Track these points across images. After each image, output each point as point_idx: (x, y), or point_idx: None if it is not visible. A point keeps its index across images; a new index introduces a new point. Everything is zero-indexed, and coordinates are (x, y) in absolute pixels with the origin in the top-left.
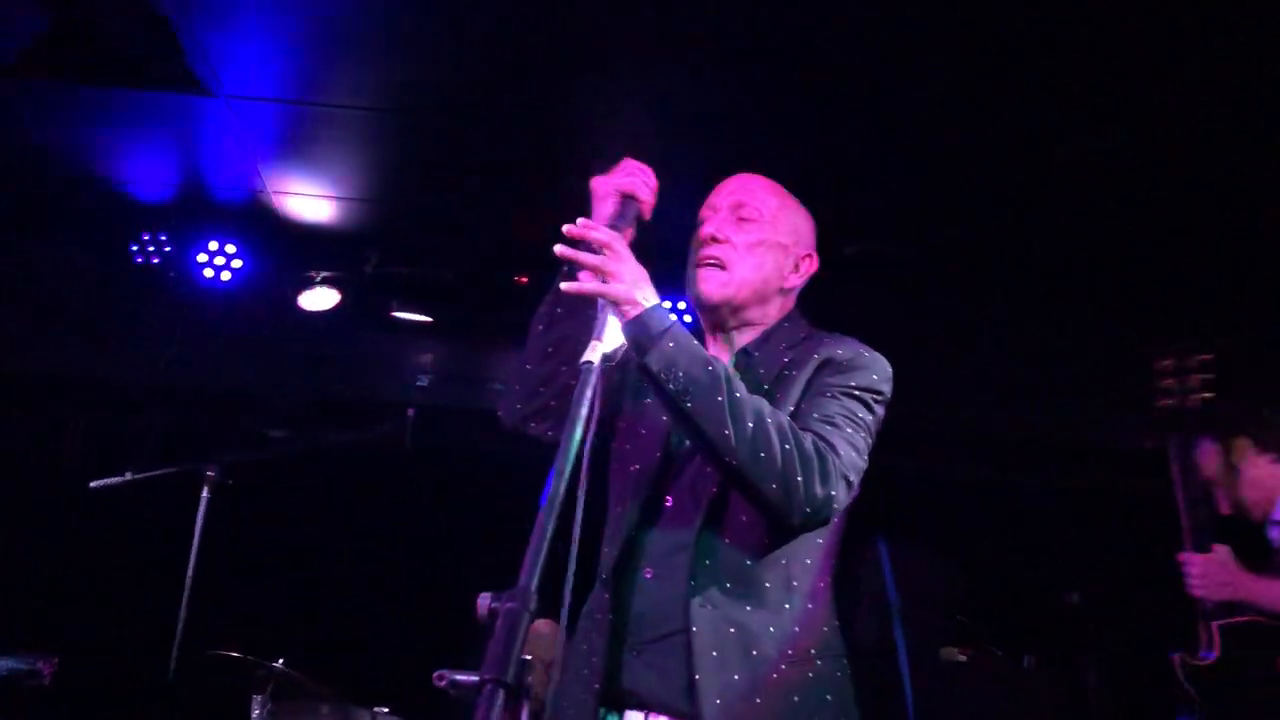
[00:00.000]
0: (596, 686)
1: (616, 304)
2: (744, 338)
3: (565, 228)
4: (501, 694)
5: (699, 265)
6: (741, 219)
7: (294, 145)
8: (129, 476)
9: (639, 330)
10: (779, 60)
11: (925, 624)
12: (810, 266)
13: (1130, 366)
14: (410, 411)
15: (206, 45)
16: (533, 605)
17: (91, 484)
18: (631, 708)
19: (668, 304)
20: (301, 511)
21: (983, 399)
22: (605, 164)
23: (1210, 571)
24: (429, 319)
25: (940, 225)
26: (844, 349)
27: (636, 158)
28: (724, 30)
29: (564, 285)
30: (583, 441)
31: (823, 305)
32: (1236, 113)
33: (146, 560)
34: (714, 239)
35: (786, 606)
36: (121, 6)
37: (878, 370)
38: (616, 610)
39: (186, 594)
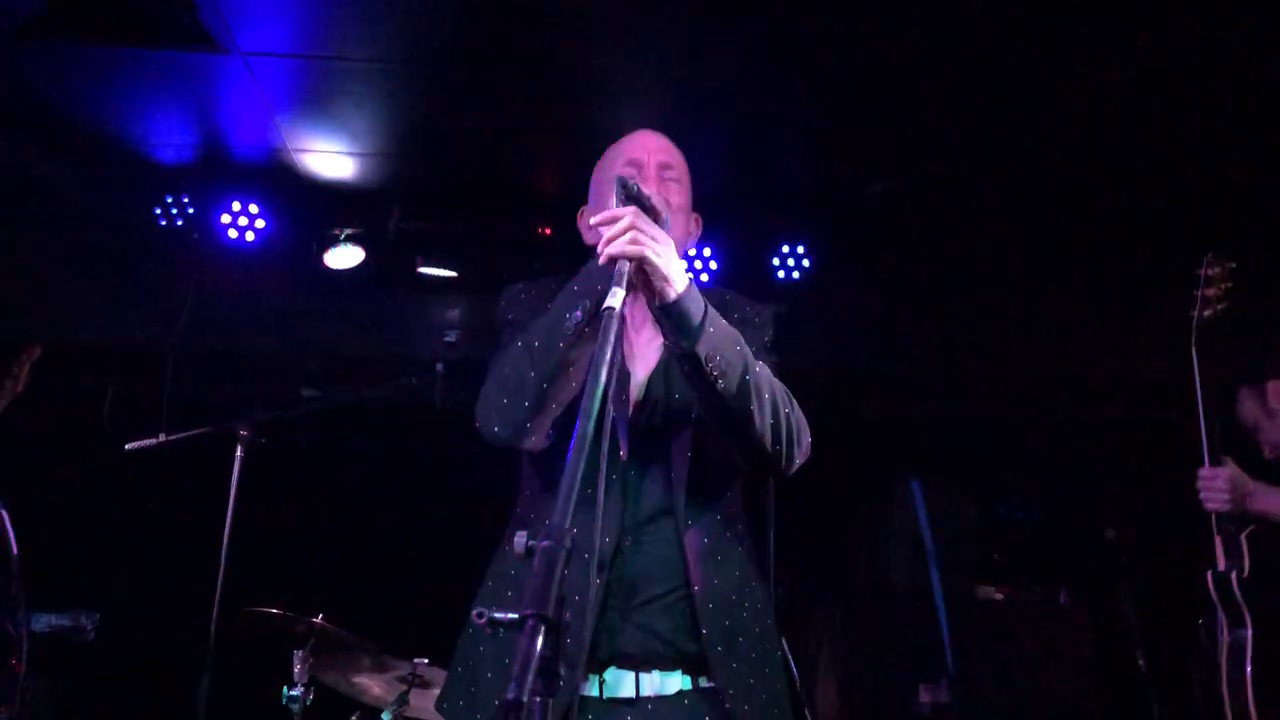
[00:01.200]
0: (578, 669)
1: (655, 282)
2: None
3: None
4: (543, 628)
5: None
6: (666, 180)
7: (313, 101)
8: (163, 438)
9: (681, 316)
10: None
11: (961, 563)
12: (698, 230)
13: (1156, 298)
14: (439, 366)
15: (219, 1)
16: (568, 542)
17: (127, 446)
18: (620, 666)
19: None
20: (334, 468)
21: (1013, 337)
22: (625, 113)
23: (1233, 484)
24: (455, 273)
25: (964, 162)
26: (750, 307)
27: (656, 101)
28: None
29: (604, 263)
30: (607, 386)
31: (851, 245)
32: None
33: (185, 520)
34: None
35: (740, 549)
36: None
37: (774, 322)
38: (606, 586)
39: (224, 552)
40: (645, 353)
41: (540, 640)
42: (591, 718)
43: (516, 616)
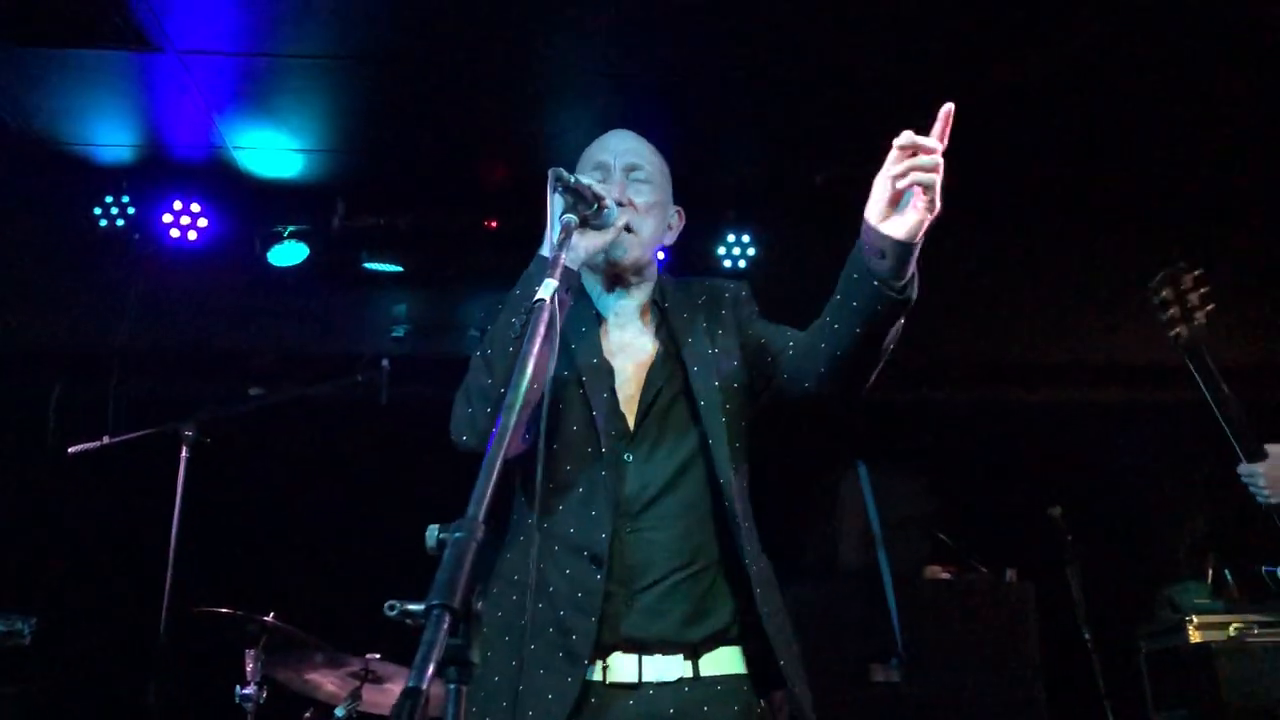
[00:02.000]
0: (586, 662)
1: (927, 214)
2: (640, 292)
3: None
4: (448, 618)
5: None
6: (634, 182)
7: (252, 98)
8: (106, 440)
9: (910, 257)
10: None
11: (909, 544)
12: (680, 222)
13: (1096, 283)
14: (385, 362)
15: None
16: (480, 534)
17: (70, 449)
18: (625, 651)
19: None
20: (281, 466)
21: (955, 322)
22: (568, 106)
23: (1273, 478)
24: (400, 268)
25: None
26: (735, 284)
27: (599, 93)
28: None
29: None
30: (540, 382)
31: (795, 234)
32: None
33: (132, 521)
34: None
35: (748, 522)
36: None
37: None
38: (607, 577)
39: (172, 553)
40: (632, 346)
41: (444, 630)
42: (594, 701)
43: (423, 606)
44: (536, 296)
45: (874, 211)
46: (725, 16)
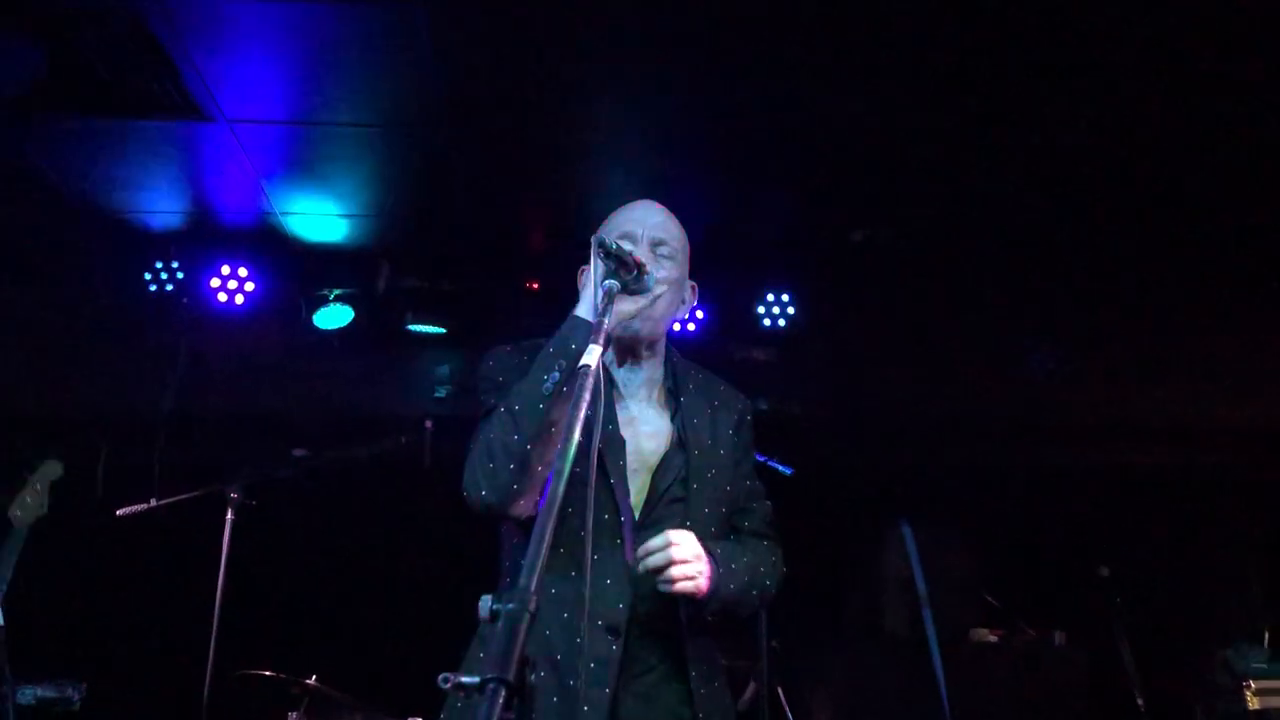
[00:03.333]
0: None
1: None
2: (650, 366)
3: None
4: (503, 692)
5: None
6: (659, 257)
7: (299, 165)
8: (154, 503)
9: (712, 600)
10: (771, 59)
11: (955, 607)
12: (693, 299)
13: (1145, 343)
14: (428, 424)
15: (204, 71)
16: (533, 606)
17: (118, 512)
18: None
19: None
20: (325, 527)
21: (999, 381)
22: (609, 169)
23: None
24: (444, 330)
25: (944, 209)
26: (744, 403)
27: (640, 158)
28: (713, 28)
29: None
30: (588, 445)
31: (835, 292)
32: None
33: (177, 584)
34: None
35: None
36: (118, 37)
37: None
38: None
39: (216, 615)
40: (641, 422)
41: (500, 704)
42: None
43: (478, 680)
44: (582, 361)
45: None
46: (765, 78)
